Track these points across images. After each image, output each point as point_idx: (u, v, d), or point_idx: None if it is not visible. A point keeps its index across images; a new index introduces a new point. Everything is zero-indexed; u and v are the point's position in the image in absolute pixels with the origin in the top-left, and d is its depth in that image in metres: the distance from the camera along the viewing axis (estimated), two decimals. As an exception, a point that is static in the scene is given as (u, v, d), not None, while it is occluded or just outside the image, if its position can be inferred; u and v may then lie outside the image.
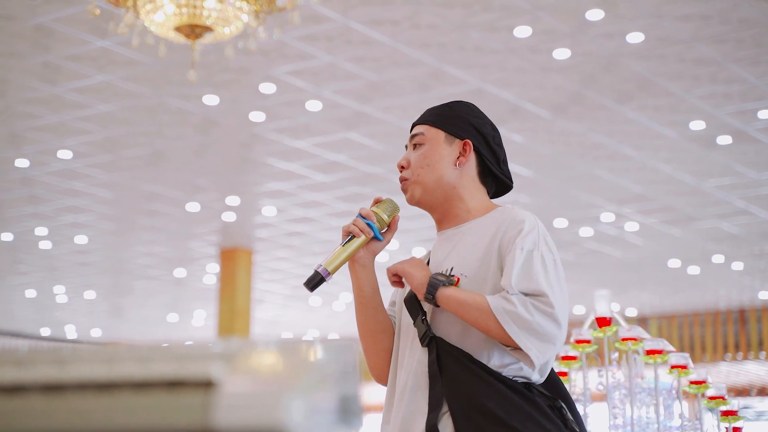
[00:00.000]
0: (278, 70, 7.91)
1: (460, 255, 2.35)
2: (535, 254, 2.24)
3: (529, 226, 2.29)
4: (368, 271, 2.46)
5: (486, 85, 8.24)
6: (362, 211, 2.44)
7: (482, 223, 2.38)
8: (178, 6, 4.71)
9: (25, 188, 10.61)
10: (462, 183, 2.42)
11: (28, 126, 8.95)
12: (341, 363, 0.90)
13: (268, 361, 0.76)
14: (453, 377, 2.23)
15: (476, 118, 2.50)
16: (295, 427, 0.71)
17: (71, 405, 0.72)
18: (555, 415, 2.22)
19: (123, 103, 8.46)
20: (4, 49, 7.49)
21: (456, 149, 2.43)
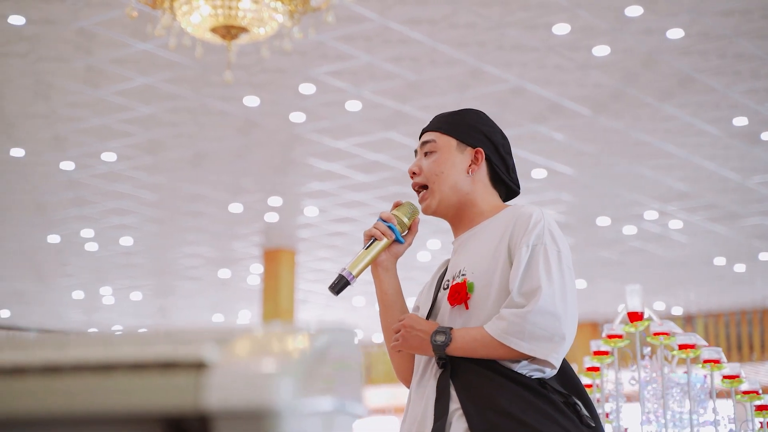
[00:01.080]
0: (317, 70, 7.95)
1: (471, 255, 2.40)
2: (538, 249, 2.28)
3: (534, 221, 2.32)
4: (391, 274, 2.51)
5: (525, 83, 8.22)
6: (383, 214, 2.51)
7: (492, 223, 2.43)
8: (213, 7, 4.76)
9: (71, 191, 10.75)
10: (474, 189, 2.48)
11: (73, 129, 9.06)
12: (340, 348, 0.92)
13: (260, 344, 0.79)
14: (468, 384, 2.26)
15: (487, 126, 2.53)
16: (285, 408, 0.73)
17: (69, 386, 0.74)
18: (570, 412, 2.24)
19: (164, 105, 8.54)
20: (48, 54, 7.59)
21: (468, 157, 2.48)
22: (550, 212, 2.44)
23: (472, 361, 2.27)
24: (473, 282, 2.33)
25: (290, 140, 9.42)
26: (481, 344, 2.22)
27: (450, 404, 2.25)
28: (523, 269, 2.25)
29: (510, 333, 2.20)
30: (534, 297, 2.21)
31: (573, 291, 2.28)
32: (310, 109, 8.71)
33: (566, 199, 11.24)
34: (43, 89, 8.22)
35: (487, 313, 2.30)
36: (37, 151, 9.57)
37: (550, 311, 2.20)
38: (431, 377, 2.34)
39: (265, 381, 0.74)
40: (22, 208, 11.28)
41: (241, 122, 8.98)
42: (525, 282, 2.24)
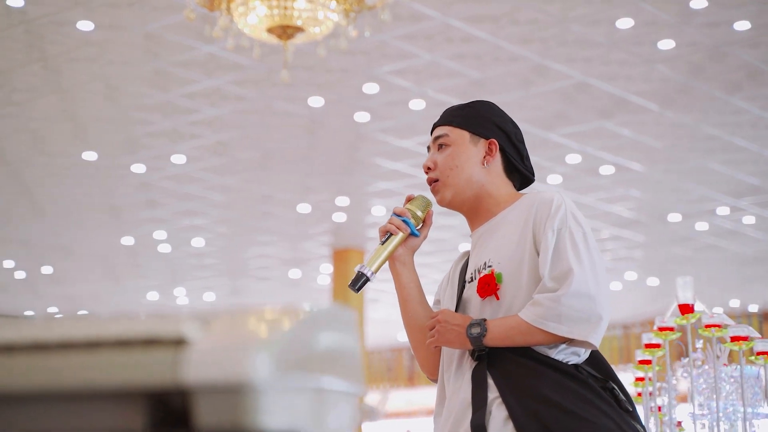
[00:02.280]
0: (380, 69, 7.99)
1: (494, 246, 2.41)
2: (564, 233, 2.29)
3: (556, 205, 2.34)
4: (409, 268, 2.54)
5: (590, 79, 8.17)
6: (396, 209, 2.54)
7: (511, 212, 2.45)
8: (269, 7, 4.82)
9: (143, 193, 10.92)
10: (489, 180, 2.49)
11: (143, 132, 9.22)
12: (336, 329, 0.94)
13: (241, 322, 0.81)
14: (506, 374, 2.27)
15: (498, 117, 2.54)
16: (263, 382, 0.76)
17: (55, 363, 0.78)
18: (608, 396, 2.25)
19: (231, 106, 8.65)
20: (116, 58, 7.73)
21: (482, 149, 2.49)
22: (568, 196, 2.43)
23: (508, 349, 2.27)
24: (501, 272, 2.34)
25: (355, 140, 9.47)
26: (518, 332, 2.23)
27: (488, 394, 2.26)
28: (551, 254, 2.27)
29: (547, 318, 2.21)
30: (566, 280, 2.22)
31: (603, 270, 2.30)
32: (374, 109, 8.75)
33: (636, 196, 11.13)
34: (113, 93, 8.37)
35: (519, 301, 2.30)
36: (109, 154, 9.75)
37: (584, 293, 2.21)
38: (467, 369, 2.34)
39: (243, 356, 0.76)
40: (96, 210, 11.49)
41: (307, 123, 9.06)
42: (555, 266, 2.25)
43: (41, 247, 13.05)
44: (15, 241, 12.76)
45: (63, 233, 12.40)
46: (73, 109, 8.68)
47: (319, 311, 0.90)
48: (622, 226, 12.32)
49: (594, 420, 2.17)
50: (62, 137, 9.31)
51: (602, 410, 2.20)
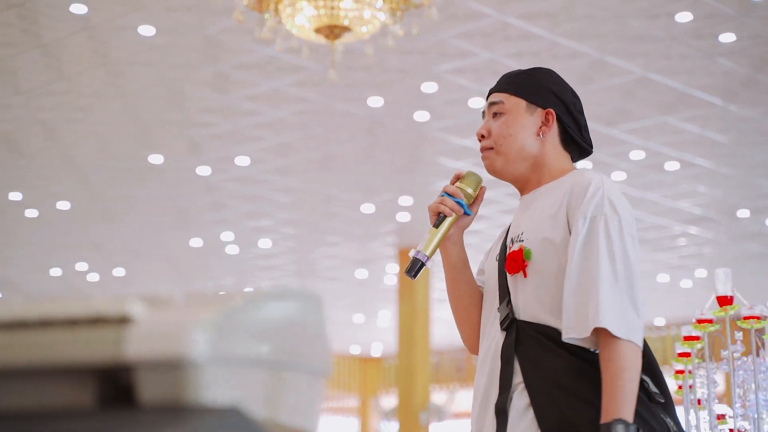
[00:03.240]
0: (438, 68, 8.00)
1: (531, 219, 2.35)
2: (599, 220, 2.20)
3: (593, 189, 2.24)
4: (459, 247, 2.47)
5: (650, 74, 8.09)
6: (448, 188, 2.44)
7: (556, 187, 2.36)
8: (316, 8, 4.87)
9: (209, 195, 11.07)
10: (544, 152, 2.40)
11: (206, 134, 9.34)
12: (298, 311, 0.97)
13: (186, 303, 0.84)
14: (532, 357, 2.22)
15: (557, 86, 2.44)
16: (200, 359, 0.79)
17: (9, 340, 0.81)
18: (640, 391, 2.15)
19: (291, 108, 8.73)
20: (178, 62, 7.85)
21: (538, 118, 2.40)
22: (609, 179, 2.35)
23: (537, 331, 2.23)
24: (530, 249, 2.28)
25: (416, 139, 9.49)
26: (628, 380, 2.10)
27: (513, 377, 2.22)
28: (581, 242, 2.19)
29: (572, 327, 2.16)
30: (595, 287, 2.14)
31: (636, 262, 2.21)
32: (433, 108, 8.76)
33: (703, 191, 10.98)
34: (175, 97, 8.50)
35: (547, 281, 2.25)
36: (174, 157, 9.90)
37: (621, 289, 2.15)
38: (498, 347, 2.29)
39: (182, 332, 0.79)
40: (164, 213, 11.67)
41: (367, 123, 9.10)
42: (584, 258, 2.18)
43: (112, 250, 13.29)
44: (87, 245, 13.01)
45: (132, 236, 12.60)
46: (137, 112, 8.83)
47: (278, 293, 0.93)
48: (691, 223, 12.16)
49: None
50: (128, 141, 9.48)
51: None
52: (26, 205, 11.35)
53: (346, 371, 20.54)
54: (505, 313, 2.30)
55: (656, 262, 13.99)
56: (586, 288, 2.17)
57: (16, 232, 12.41)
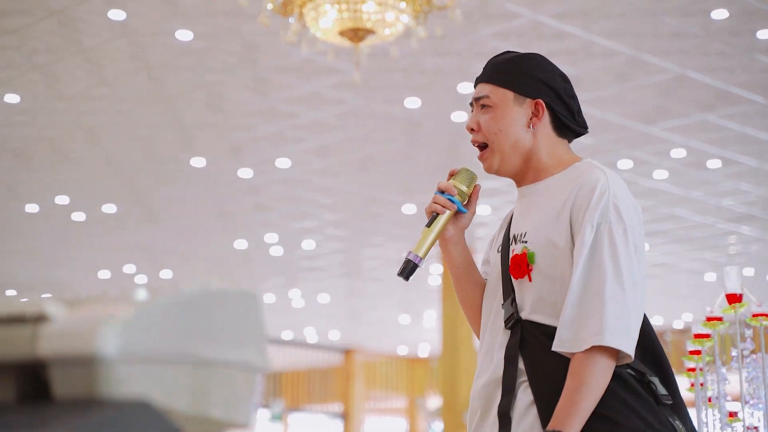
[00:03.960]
0: (474, 69, 8.01)
1: (534, 219, 2.30)
2: (603, 228, 2.16)
3: (599, 193, 2.19)
4: (461, 247, 2.45)
5: (688, 72, 8.04)
6: (441, 185, 2.39)
7: (557, 182, 2.30)
8: (339, 11, 4.92)
9: (252, 197, 11.17)
10: (537, 142, 2.34)
11: (246, 137, 9.44)
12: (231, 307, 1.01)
13: (104, 303, 0.89)
14: (536, 358, 2.19)
15: (544, 73, 2.38)
16: (110, 355, 0.83)
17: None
18: (644, 391, 2.15)
19: (330, 110, 8.79)
20: (216, 66, 7.95)
21: (527, 109, 2.34)
22: (616, 177, 2.28)
23: (542, 332, 2.19)
24: (534, 252, 2.24)
25: (454, 139, 9.52)
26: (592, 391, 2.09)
27: (517, 376, 2.19)
28: (587, 251, 2.15)
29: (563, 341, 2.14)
30: (599, 301, 2.12)
31: (641, 273, 2.18)
32: (470, 108, 8.76)
33: (746, 189, 10.88)
34: (215, 100, 8.60)
35: (548, 284, 2.22)
36: (216, 160, 10.01)
37: (618, 298, 2.12)
38: (502, 346, 2.26)
39: (93, 330, 0.84)
40: (208, 215, 11.79)
41: (405, 124, 9.14)
42: (589, 269, 2.14)
43: (159, 252, 13.45)
44: (134, 247, 13.18)
45: (178, 238, 12.76)
46: (178, 116, 8.95)
47: (206, 291, 0.97)
48: (736, 221, 12.06)
49: (618, 419, 2.09)
50: (170, 144, 9.60)
51: (631, 407, 2.11)
52: (73, 209, 11.53)
53: (393, 371, 20.59)
54: (510, 312, 2.27)
55: (703, 261, 13.88)
56: (588, 302, 2.13)
57: (64, 234, 12.62)
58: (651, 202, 11.26)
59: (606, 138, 9.41)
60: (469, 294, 2.46)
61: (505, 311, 2.29)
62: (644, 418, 2.11)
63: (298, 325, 18.50)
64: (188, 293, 0.94)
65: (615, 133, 9.30)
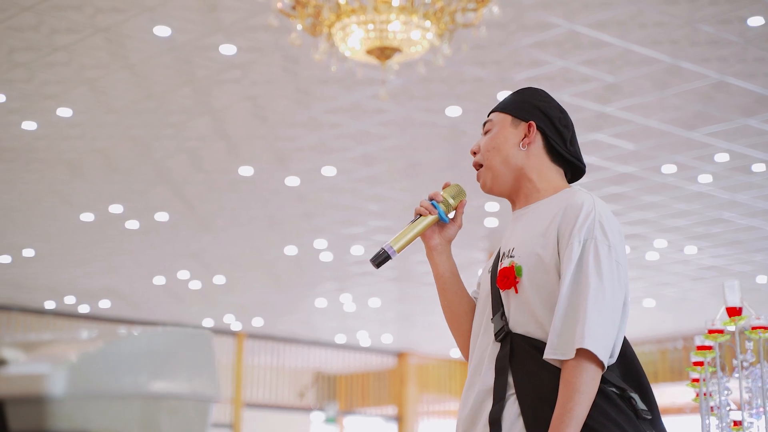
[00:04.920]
0: (514, 77, 8.12)
1: (522, 235, 2.43)
2: (589, 245, 2.30)
3: (585, 213, 2.33)
4: (445, 257, 2.59)
5: (727, 78, 8.07)
6: (431, 194, 2.56)
7: (547, 204, 2.44)
8: (366, 31, 5.06)
9: (300, 205, 11.36)
10: (529, 163, 2.48)
11: (292, 147, 9.62)
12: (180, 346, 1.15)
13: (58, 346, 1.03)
14: (525, 370, 2.31)
15: (542, 102, 2.54)
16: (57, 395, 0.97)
17: None
18: (625, 405, 2.27)
19: (372, 119, 8.94)
20: (259, 78, 8.13)
21: (521, 131, 2.50)
22: (601, 201, 2.44)
23: (531, 345, 2.31)
24: (522, 266, 2.36)
25: (497, 147, 9.60)
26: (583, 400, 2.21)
27: (507, 388, 2.31)
28: (574, 266, 2.29)
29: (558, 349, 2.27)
30: (583, 311, 2.24)
31: (621, 286, 2.30)
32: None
33: (795, 193, 10.85)
34: (260, 111, 8.79)
35: (537, 298, 2.34)
36: (264, 168, 10.20)
37: (604, 307, 2.25)
38: (492, 358, 2.37)
39: (42, 373, 0.98)
40: (257, 222, 12.00)
41: (448, 132, 9.26)
42: (575, 281, 2.27)
43: (211, 259, 13.69)
44: (186, 254, 13.44)
45: (229, 245, 12.98)
46: (224, 127, 9.15)
47: (158, 333, 1.11)
48: (786, 224, 12.01)
49: (601, 431, 2.21)
50: (218, 155, 9.81)
51: (613, 419, 2.23)
52: (127, 217, 11.80)
53: (446, 374, 20.70)
54: (500, 325, 2.39)
55: (754, 263, 13.81)
56: (574, 311, 2.26)
57: (119, 242, 12.90)
58: (697, 206, 11.26)
59: (648, 144, 9.45)
60: (453, 304, 2.60)
61: (495, 324, 2.41)
62: (625, 430, 2.23)
63: (350, 329, 18.67)
64: (139, 336, 1.07)
65: (657, 139, 9.34)
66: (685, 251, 13.17)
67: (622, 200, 11.09)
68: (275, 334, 19.11)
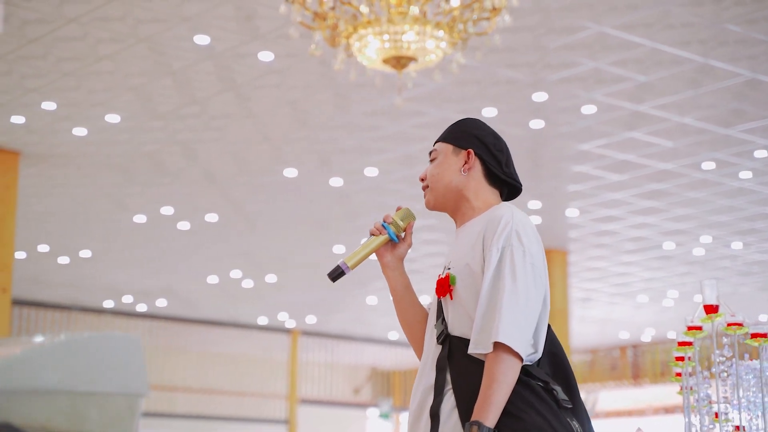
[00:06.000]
0: (547, 78, 8.24)
1: (458, 249, 2.73)
2: (506, 251, 2.58)
3: (503, 223, 2.61)
4: (398, 273, 2.88)
5: (759, 75, 8.12)
6: (385, 216, 2.87)
7: (479, 220, 2.72)
8: (381, 41, 5.25)
9: (344, 205, 11.58)
10: (468, 186, 2.76)
11: (333, 149, 9.83)
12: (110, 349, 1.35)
13: None
14: (460, 368, 2.59)
15: (479, 130, 2.82)
16: None
17: None
18: (548, 397, 2.53)
19: (409, 122, 9.12)
20: (298, 83, 8.34)
21: (462, 158, 2.78)
22: (521, 213, 2.73)
23: (465, 345, 2.59)
24: (456, 275, 2.65)
25: (535, 146, 9.74)
26: (503, 387, 2.48)
27: (445, 384, 2.60)
28: (492, 270, 2.57)
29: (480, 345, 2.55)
30: (499, 309, 2.52)
31: (536, 286, 2.57)
32: (547, 116, 9.00)
33: (837, 188, 10.83)
34: (300, 115, 9.01)
35: (469, 301, 2.61)
36: (307, 170, 10.43)
37: (516, 303, 2.52)
38: (435, 356, 2.67)
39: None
40: (304, 222, 12.25)
41: (485, 132, 9.40)
42: (493, 282, 2.56)
43: (261, 258, 13.98)
44: (237, 254, 13.73)
45: (278, 245, 13.25)
46: (266, 131, 9.39)
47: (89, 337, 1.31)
48: (832, 219, 11.98)
49: (524, 417, 2.48)
50: (261, 157, 10.06)
51: (535, 408, 2.49)
52: (178, 219, 12.11)
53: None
54: (441, 329, 2.69)
55: (802, 259, 13.78)
56: (492, 310, 2.55)
57: (172, 243, 13.23)
58: (740, 202, 11.29)
59: (685, 141, 9.51)
60: (407, 313, 2.89)
61: (437, 329, 2.72)
62: (545, 416, 2.50)
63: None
64: (64, 340, 1.28)
65: (694, 137, 9.41)
66: (732, 246, 13.18)
67: (663, 197, 11.15)
68: (329, 331, 19.37)
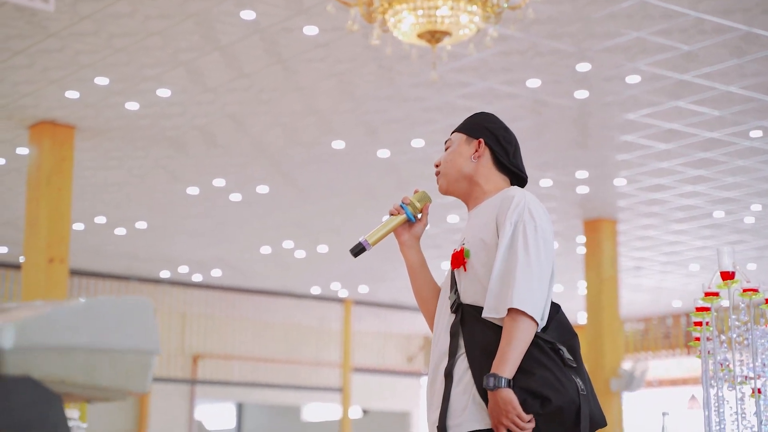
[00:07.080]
0: (590, 49, 8.28)
1: (472, 227, 3.03)
2: (519, 225, 2.87)
3: (516, 202, 2.91)
4: (414, 251, 3.22)
5: (804, 43, 8.11)
6: (403, 198, 3.18)
7: (491, 201, 3.02)
8: (416, 16, 5.37)
9: (392, 175, 11.71)
10: (478, 172, 3.08)
11: (380, 120, 9.96)
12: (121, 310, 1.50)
13: (18, 310, 1.39)
14: (472, 332, 2.86)
15: (491, 123, 3.18)
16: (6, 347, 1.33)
17: None
18: (554, 355, 2.80)
19: (455, 92, 9.21)
20: (343, 56, 8.48)
21: (473, 146, 3.12)
22: (531, 194, 2.96)
23: (478, 311, 2.85)
24: (469, 249, 2.94)
25: (581, 116, 9.78)
26: (520, 343, 2.75)
27: (458, 349, 2.88)
28: (506, 242, 2.85)
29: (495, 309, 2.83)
30: (513, 276, 2.78)
31: (547, 258, 2.83)
32: (592, 86, 9.04)
33: None
34: (347, 87, 9.15)
35: (482, 272, 2.87)
36: (355, 141, 10.58)
37: (531, 273, 2.80)
38: (447, 322, 2.94)
39: (1, 329, 1.34)
40: (353, 193, 12.41)
41: (530, 103, 9.47)
42: (509, 254, 2.83)
43: (313, 228, 14.17)
44: (289, 224, 13.94)
45: (329, 215, 13.43)
46: (314, 103, 9.54)
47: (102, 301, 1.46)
48: None
49: (533, 371, 2.74)
50: (311, 129, 10.22)
51: (543, 364, 2.76)
52: (230, 190, 12.33)
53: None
54: (454, 299, 2.95)
55: None
56: (506, 277, 2.80)
57: (224, 214, 13.47)
58: (790, 170, 11.25)
59: (732, 110, 9.51)
60: (422, 289, 3.19)
61: (450, 299, 2.98)
62: (552, 371, 2.78)
63: (455, 296, 18.99)
64: (83, 302, 1.43)
65: (740, 105, 9.39)
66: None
67: (711, 165, 11.14)
68: (381, 300, 19.57)
